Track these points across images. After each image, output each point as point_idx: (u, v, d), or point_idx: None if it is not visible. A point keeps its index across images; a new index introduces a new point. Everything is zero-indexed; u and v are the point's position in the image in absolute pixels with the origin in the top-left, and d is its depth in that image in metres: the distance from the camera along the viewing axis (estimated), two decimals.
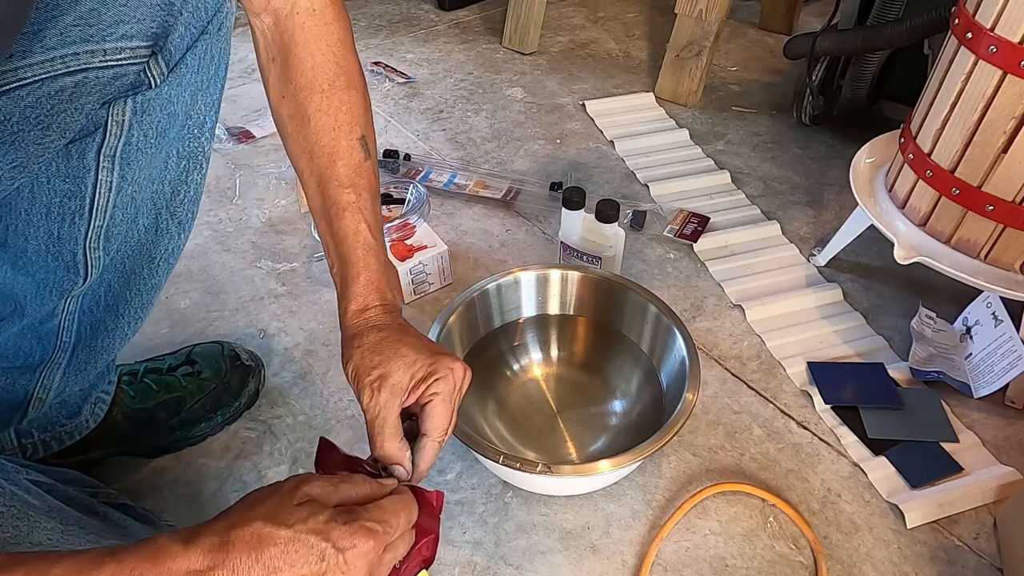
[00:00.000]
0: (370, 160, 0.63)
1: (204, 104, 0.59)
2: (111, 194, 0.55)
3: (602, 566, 0.73)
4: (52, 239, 0.56)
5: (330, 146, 0.62)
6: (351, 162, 0.62)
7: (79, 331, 0.64)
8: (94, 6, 0.46)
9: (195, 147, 0.61)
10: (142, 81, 0.51)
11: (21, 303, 0.59)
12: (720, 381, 0.92)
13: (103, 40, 0.47)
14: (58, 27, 0.45)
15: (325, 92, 0.62)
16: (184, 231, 0.66)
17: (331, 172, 0.61)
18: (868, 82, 1.26)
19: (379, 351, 0.58)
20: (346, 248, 0.61)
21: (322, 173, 0.62)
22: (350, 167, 0.62)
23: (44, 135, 0.48)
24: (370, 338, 0.59)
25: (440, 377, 0.57)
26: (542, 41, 1.66)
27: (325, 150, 0.62)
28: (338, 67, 0.62)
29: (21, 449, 0.71)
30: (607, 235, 0.96)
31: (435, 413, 0.57)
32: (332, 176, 0.61)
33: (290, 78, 0.62)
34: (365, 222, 0.61)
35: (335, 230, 0.61)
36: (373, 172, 0.64)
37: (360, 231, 0.61)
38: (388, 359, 0.57)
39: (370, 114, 0.65)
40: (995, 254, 0.86)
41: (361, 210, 0.61)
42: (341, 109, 0.62)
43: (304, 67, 0.61)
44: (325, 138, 0.62)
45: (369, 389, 0.57)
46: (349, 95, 0.63)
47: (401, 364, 0.57)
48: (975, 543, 0.76)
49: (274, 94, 0.64)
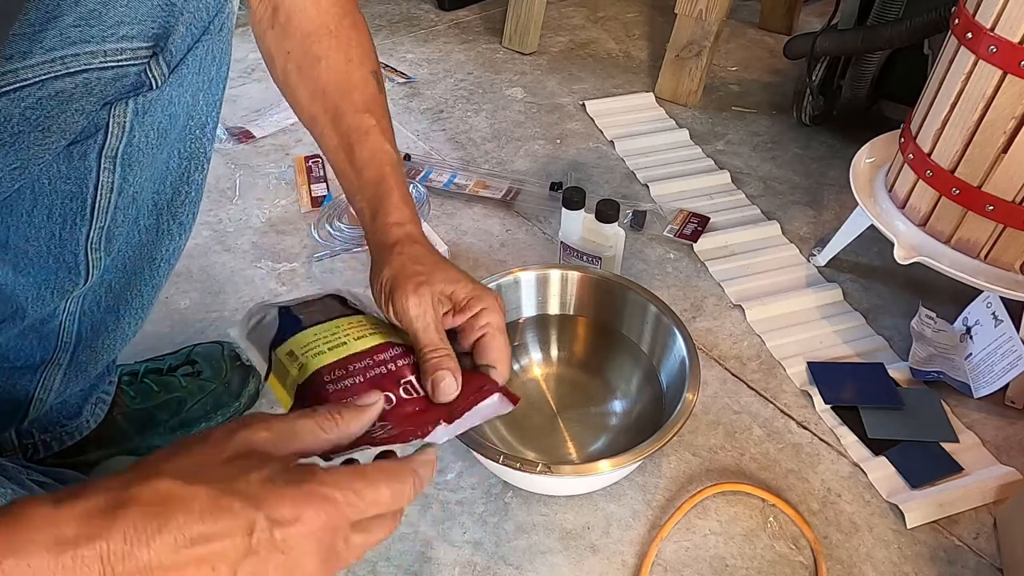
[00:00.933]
0: (382, 94, 0.64)
1: (206, 104, 0.59)
2: (112, 195, 0.55)
3: (602, 566, 0.73)
4: (53, 240, 0.56)
5: (344, 79, 0.62)
6: (367, 91, 0.62)
7: (80, 332, 0.64)
8: (94, 7, 0.46)
9: (196, 147, 0.61)
10: (143, 82, 0.51)
11: (22, 304, 0.59)
12: (720, 381, 0.92)
13: (103, 41, 0.47)
14: (58, 28, 0.45)
15: (333, 33, 0.62)
16: (185, 231, 0.66)
17: (347, 102, 0.62)
18: (868, 82, 1.26)
19: (421, 262, 0.56)
20: (374, 169, 0.60)
21: (337, 105, 0.62)
22: (366, 95, 0.62)
23: (45, 136, 0.48)
24: (413, 249, 0.57)
25: (487, 307, 0.55)
26: (542, 41, 1.66)
27: (340, 84, 0.62)
28: (342, 10, 0.63)
29: (22, 449, 0.71)
30: (607, 235, 0.96)
31: (495, 344, 0.55)
32: (348, 106, 0.62)
33: (295, 30, 0.63)
34: (388, 143, 0.61)
35: (359, 154, 0.61)
36: (386, 104, 0.64)
37: (387, 151, 0.61)
38: (431, 270, 0.55)
39: (376, 54, 0.66)
40: (995, 254, 0.86)
41: (383, 131, 0.62)
42: (352, 46, 0.63)
43: (309, 14, 0.62)
44: (338, 74, 0.62)
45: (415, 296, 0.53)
46: (357, 34, 0.64)
47: (446, 277, 0.55)
48: (975, 543, 0.76)
49: (278, 52, 0.64)
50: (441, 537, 0.75)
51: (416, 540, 0.75)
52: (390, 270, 0.56)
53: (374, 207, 0.60)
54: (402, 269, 0.55)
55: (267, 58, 0.66)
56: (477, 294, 0.55)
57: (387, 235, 0.59)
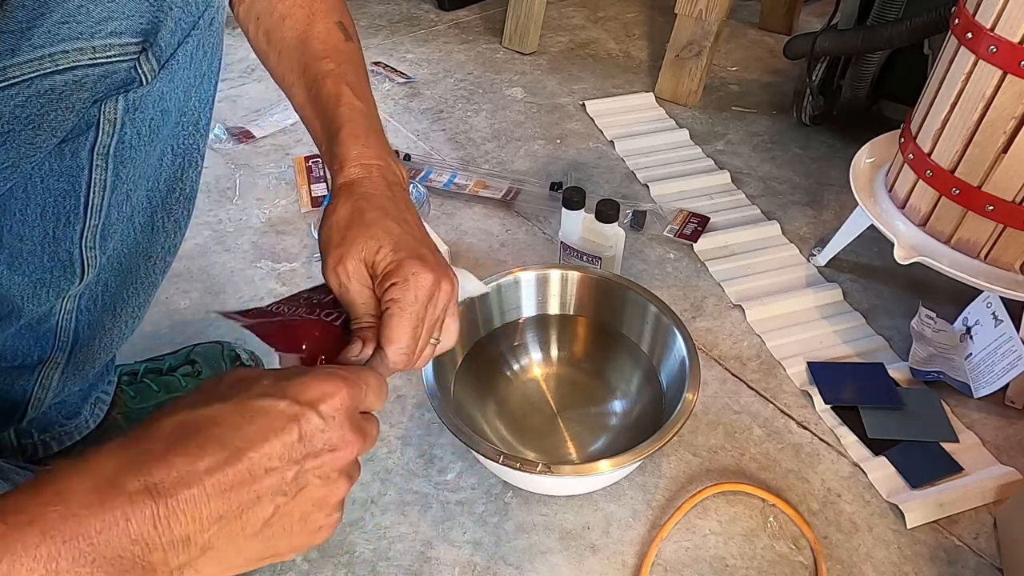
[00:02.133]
0: (352, 42, 0.62)
1: (198, 100, 0.58)
2: (106, 193, 0.55)
3: (602, 566, 0.73)
4: (47, 239, 0.56)
5: (305, 32, 0.61)
6: (328, 40, 0.61)
7: (77, 331, 0.64)
8: (82, 3, 0.46)
9: (190, 144, 0.60)
10: (133, 78, 0.50)
11: (18, 303, 0.59)
12: (720, 381, 0.92)
13: (92, 37, 0.47)
14: (45, 25, 0.45)
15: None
16: (181, 229, 0.65)
17: (308, 53, 0.60)
18: (868, 82, 1.26)
19: (350, 225, 0.52)
20: (327, 111, 0.58)
21: (300, 59, 0.61)
22: (327, 44, 0.61)
23: (35, 135, 0.47)
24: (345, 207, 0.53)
25: (396, 282, 0.50)
26: (542, 41, 1.66)
27: (302, 37, 0.61)
28: None
29: (21, 450, 0.71)
30: (607, 235, 0.96)
31: (389, 324, 0.49)
32: (309, 57, 0.60)
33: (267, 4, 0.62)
34: (347, 85, 0.59)
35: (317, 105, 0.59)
36: (357, 51, 0.62)
37: (341, 93, 0.58)
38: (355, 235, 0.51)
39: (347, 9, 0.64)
40: (995, 254, 0.86)
41: (342, 76, 0.59)
42: (315, 4, 0.62)
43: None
44: (302, 26, 0.61)
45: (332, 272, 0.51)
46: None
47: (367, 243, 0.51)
48: (975, 543, 0.76)
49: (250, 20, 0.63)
50: (441, 537, 0.75)
51: (416, 540, 0.75)
52: (322, 234, 0.53)
53: (329, 156, 0.57)
54: (329, 234, 0.52)
55: (244, 31, 0.64)
56: (394, 266, 0.50)
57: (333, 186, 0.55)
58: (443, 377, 0.79)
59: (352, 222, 0.52)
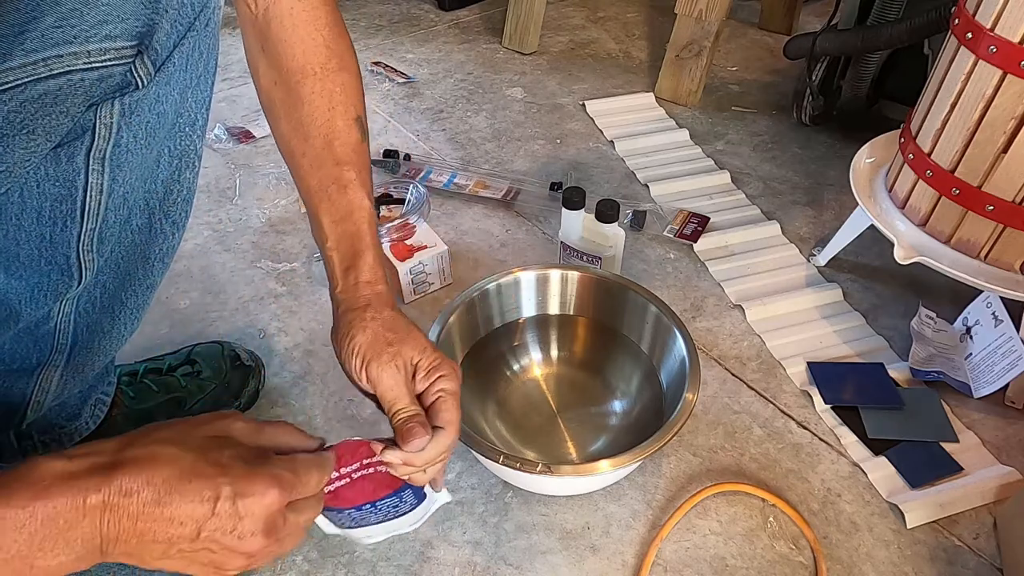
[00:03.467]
0: (365, 142, 0.64)
1: (194, 102, 0.58)
2: (102, 196, 0.55)
3: (602, 566, 0.73)
4: (44, 243, 0.55)
5: (327, 127, 0.62)
6: (349, 141, 0.62)
7: (75, 333, 0.64)
8: (76, 6, 0.45)
9: (187, 145, 0.60)
10: (128, 82, 0.50)
11: (15, 307, 0.59)
12: (720, 381, 0.92)
13: (86, 41, 0.46)
14: (39, 29, 0.45)
15: (318, 75, 0.62)
16: (178, 230, 0.65)
17: (328, 152, 0.62)
18: (868, 82, 1.26)
19: (394, 329, 0.58)
20: (352, 223, 0.61)
21: (318, 153, 0.62)
22: (348, 146, 0.62)
23: (30, 139, 0.47)
24: (383, 315, 0.59)
25: (445, 375, 0.58)
26: (542, 41, 1.66)
27: (322, 131, 0.62)
28: (329, 50, 0.62)
29: (21, 452, 0.71)
30: (607, 235, 0.96)
31: (447, 407, 0.58)
32: (330, 156, 0.61)
33: (281, 64, 0.62)
34: (368, 198, 0.62)
35: (337, 206, 0.61)
36: (368, 153, 0.65)
37: (365, 206, 0.61)
38: (403, 338, 0.58)
39: (363, 96, 0.65)
40: (995, 254, 0.86)
41: (363, 185, 0.62)
42: (335, 91, 0.62)
43: (295, 52, 0.61)
44: (321, 119, 0.62)
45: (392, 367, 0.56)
46: (342, 76, 0.63)
47: (414, 345, 0.58)
48: (975, 543, 0.76)
49: (265, 81, 0.64)
50: (441, 537, 0.75)
51: (416, 540, 0.75)
52: (363, 337, 0.57)
53: (347, 262, 0.61)
54: (376, 338, 0.57)
55: (253, 73, 0.65)
56: (437, 363, 0.58)
57: (358, 295, 0.60)
58: None
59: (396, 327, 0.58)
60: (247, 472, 0.41)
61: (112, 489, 0.38)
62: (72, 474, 0.38)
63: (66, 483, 0.38)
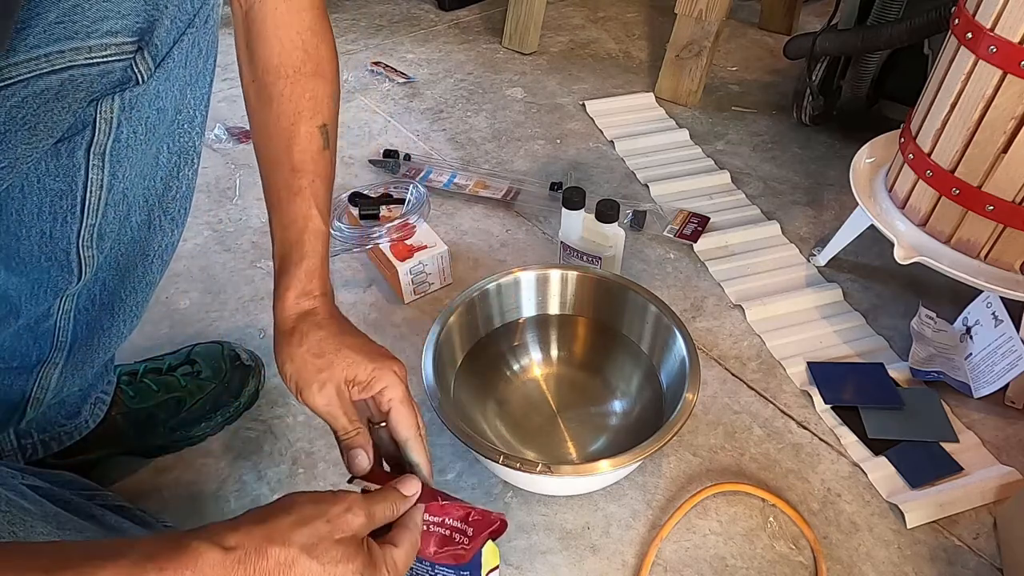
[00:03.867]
0: (329, 150, 0.63)
1: (194, 98, 0.58)
2: (102, 192, 0.55)
3: (602, 566, 0.73)
4: (44, 238, 0.56)
5: (288, 130, 0.61)
6: (308, 148, 0.61)
7: (75, 330, 0.64)
8: (77, 2, 0.46)
9: (186, 142, 0.60)
10: (129, 77, 0.50)
11: (16, 303, 0.59)
12: (720, 381, 0.92)
13: (87, 37, 0.47)
14: (41, 25, 0.45)
15: (290, 78, 0.61)
16: (178, 227, 0.65)
17: (286, 156, 0.61)
18: (868, 82, 1.26)
19: (321, 353, 0.58)
20: (293, 232, 0.60)
21: (277, 156, 0.61)
22: (306, 153, 0.61)
23: (31, 135, 0.47)
24: (312, 337, 0.58)
25: (386, 385, 0.58)
26: (542, 41, 1.66)
27: (284, 134, 0.61)
28: (306, 54, 0.62)
29: (21, 450, 0.71)
30: (607, 235, 0.96)
31: (401, 418, 0.58)
32: (286, 160, 0.61)
33: (257, 62, 0.62)
34: (316, 208, 0.61)
35: (283, 214, 0.61)
36: (330, 162, 0.64)
37: (310, 216, 0.60)
38: (331, 362, 0.57)
39: (336, 102, 0.65)
40: (995, 254, 0.86)
41: (314, 195, 0.61)
42: (304, 96, 0.62)
43: (272, 52, 0.61)
44: (285, 122, 0.61)
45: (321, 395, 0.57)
46: (315, 82, 0.62)
47: (346, 363, 0.57)
48: (975, 543, 0.76)
49: (246, 80, 0.64)
50: None
51: None
52: (292, 366, 0.58)
53: (281, 270, 0.61)
54: (304, 366, 0.57)
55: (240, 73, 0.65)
56: (377, 373, 0.58)
57: (286, 311, 0.60)
58: (443, 377, 0.79)
59: (323, 350, 0.58)
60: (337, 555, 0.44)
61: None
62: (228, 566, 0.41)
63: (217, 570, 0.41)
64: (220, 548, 0.41)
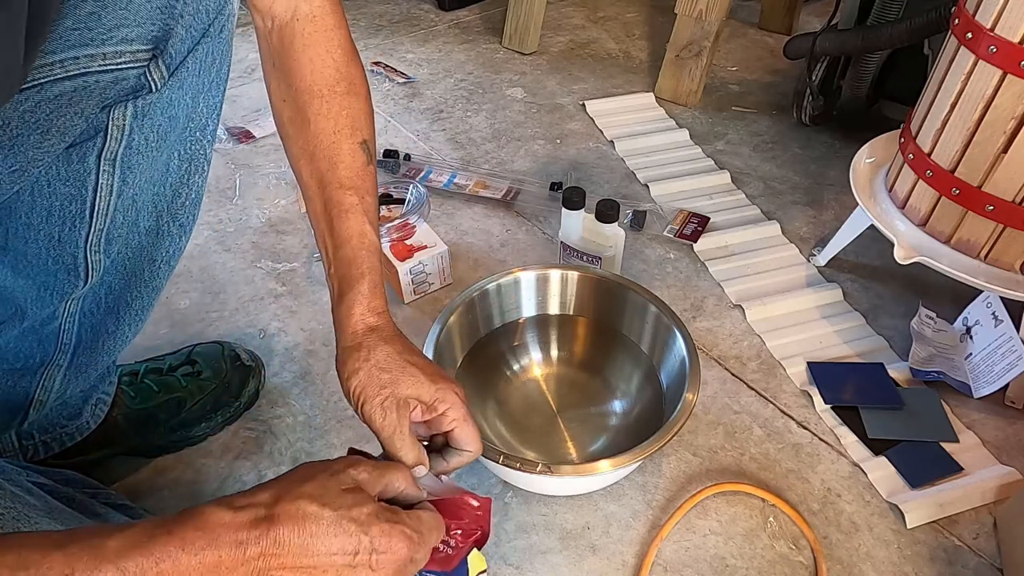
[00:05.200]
0: (372, 165, 0.63)
1: (206, 107, 0.59)
2: (112, 197, 0.55)
3: (602, 566, 0.73)
4: (52, 242, 0.56)
5: (331, 149, 0.61)
6: (353, 165, 0.62)
7: (80, 333, 0.64)
8: (93, 9, 0.46)
9: (196, 150, 0.61)
10: (142, 85, 0.51)
11: (22, 306, 0.59)
12: (720, 381, 0.92)
13: (103, 44, 0.47)
14: (57, 31, 0.45)
15: (325, 97, 0.61)
16: (185, 233, 0.66)
17: (332, 175, 0.61)
18: (868, 82, 1.26)
19: (387, 368, 0.58)
20: (350, 249, 0.60)
21: (323, 176, 0.61)
22: (352, 170, 0.61)
23: (44, 139, 0.48)
24: (379, 352, 0.58)
25: (450, 405, 0.58)
26: (542, 41, 1.66)
27: (326, 153, 0.61)
28: (338, 72, 0.62)
29: (22, 451, 0.71)
30: (607, 235, 0.96)
31: (465, 435, 0.60)
32: (333, 179, 0.61)
33: (291, 83, 0.61)
34: (369, 224, 0.61)
35: (337, 232, 0.61)
36: (374, 176, 0.64)
37: (365, 232, 0.60)
38: (397, 378, 0.57)
39: (372, 120, 0.65)
40: (995, 254, 0.86)
41: (365, 212, 0.61)
42: (342, 114, 0.62)
43: (304, 72, 0.61)
44: (326, 141, 0.61)
45: (381, 409, 0.56)
46: (349, 100, 0.62)
47: (411, 382, 0.58)
48: (975, 543, 0.76)
49: (276, 98, 0.64)
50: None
51: None
52: (358, 380, 0.58)
53: (342, 289, 0.60)
54: (369, 379, 0.57)
55: (268, 88, 0.65)
56: (440, 395, 0.58)
57: (352, 327, 0.60)
58: None
59: (390, 366, 0.58)
60: (383, 531, 0.45)
61: (268, 541, 0.42)
62: (237, 525, 0.42)
63: (232, 533, 0.41)
64: (229, 508, 0.42)
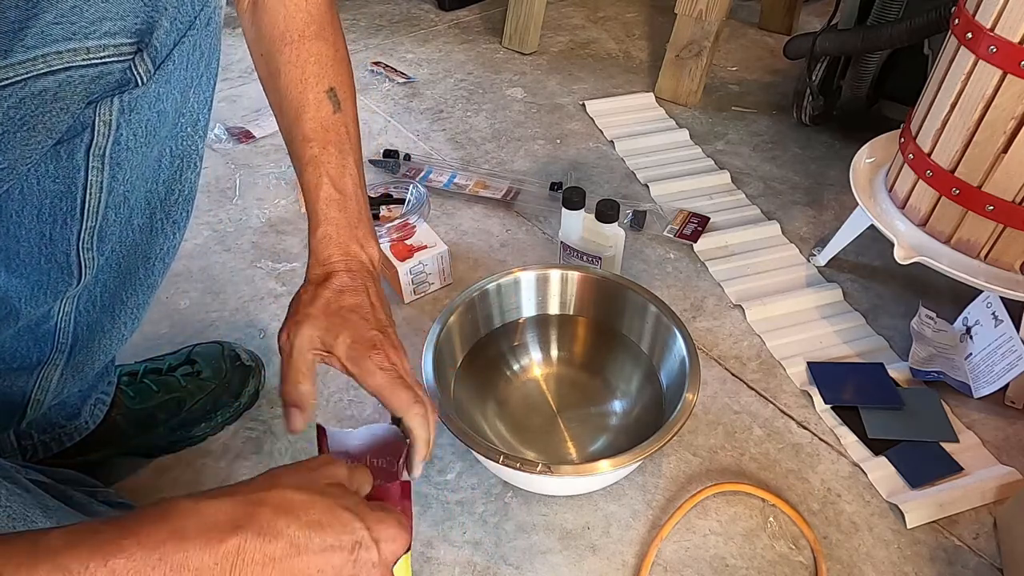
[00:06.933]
0: (341, 113, 0.62)
1: (196, 102, 0.58)
2: (102, 194, 0.55)
3: (602, 566, 0.73)
4: (44, 241, 0.55)
5: (297, 100, 0.61)
6: (317, 116, 0.61)
7: (76, 332, 0.64)
8: (75, 3, 0.45)
9: (188, 145, 0.60)
10: (128, 79, 0.50)
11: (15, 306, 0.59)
12: (720, 381, 0.92)
13: (85, 38, 0.46)
14: (39, 26, 0.45)
15: (295, 43, 0.61)
16: (179, 230, 0.65)
17: (297, 128, 0.61)
18: (868, 82, 1.26)
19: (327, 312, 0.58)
20: (309, 203, 0.61)
21: (290, 129, 0.61)
22: (315, 121, 0.61)
23: (30, 136, 0.47)
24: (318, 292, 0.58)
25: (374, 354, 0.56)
26: (542, 41, 1.66)
27: (292, 104, 0.61)
28: (309, 16, 0.61)
29: (21, 451, 0.71)
30: (607, 235, 0.96)
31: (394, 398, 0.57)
32: (298, 132, 0.61)
33: (264, 32, 0.61)
34: (327, 175, 0.61)
35: (304, 186, 0.61)
36: (344, 124, 0.63)
37: (320, 184, 0.60)
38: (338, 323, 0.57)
39: (344, 65, 0.64)
40: (995, 254, 0.86)
41: (323, 164, 0.61)
42: (309, 60, 0.61)
43: (277, 18, 0.61)
44: (293, 91, 0.61)
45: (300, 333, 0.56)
46: (318, 45, 0.62)
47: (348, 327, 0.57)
48: (975, 543, 0.76)
49: (256, 53, 0.64)
50: (441, 537, 0.75)
51: (416, 540, 0.75)
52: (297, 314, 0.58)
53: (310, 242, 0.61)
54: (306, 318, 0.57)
55: (248, 44, 0.65)
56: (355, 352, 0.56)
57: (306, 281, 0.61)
58: (443, 377, 0.79)
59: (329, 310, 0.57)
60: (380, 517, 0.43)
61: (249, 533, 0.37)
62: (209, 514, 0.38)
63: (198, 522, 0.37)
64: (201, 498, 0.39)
